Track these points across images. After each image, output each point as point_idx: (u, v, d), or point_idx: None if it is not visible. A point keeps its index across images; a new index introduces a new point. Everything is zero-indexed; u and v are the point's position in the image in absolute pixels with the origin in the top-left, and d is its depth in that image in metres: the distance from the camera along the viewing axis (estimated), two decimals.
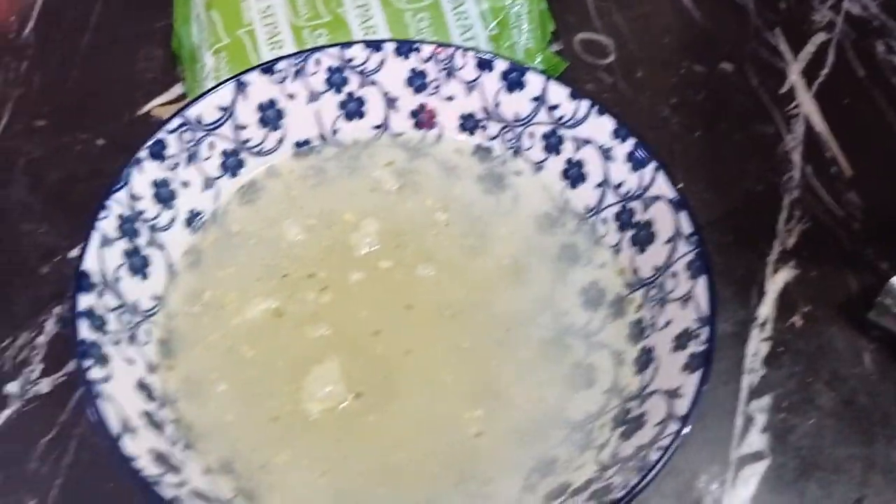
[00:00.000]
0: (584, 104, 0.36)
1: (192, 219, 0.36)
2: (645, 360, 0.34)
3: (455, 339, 0.34)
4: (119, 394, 0.29)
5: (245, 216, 0.37)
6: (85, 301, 0.30)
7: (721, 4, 0.54)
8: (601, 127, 0.36)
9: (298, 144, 0.38)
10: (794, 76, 0.51)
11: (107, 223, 0.32)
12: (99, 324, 0.30)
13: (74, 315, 0.30)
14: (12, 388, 0.39)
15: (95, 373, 0.29)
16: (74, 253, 0.43)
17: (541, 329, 0.35)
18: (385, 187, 0.38)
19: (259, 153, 0.38)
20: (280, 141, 0.38)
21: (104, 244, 0.32)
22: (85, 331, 0.29)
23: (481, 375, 0.34)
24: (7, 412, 0.38)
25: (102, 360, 0.30)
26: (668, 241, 0.34)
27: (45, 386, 0.39)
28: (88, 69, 0.49)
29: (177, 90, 0.48)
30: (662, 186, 0.35)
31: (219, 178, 0.37)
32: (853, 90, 0.51)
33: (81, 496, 0.36)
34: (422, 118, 0.39)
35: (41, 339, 0.40)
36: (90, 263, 0.31)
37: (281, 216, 0.37)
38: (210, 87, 0.43)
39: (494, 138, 0.39)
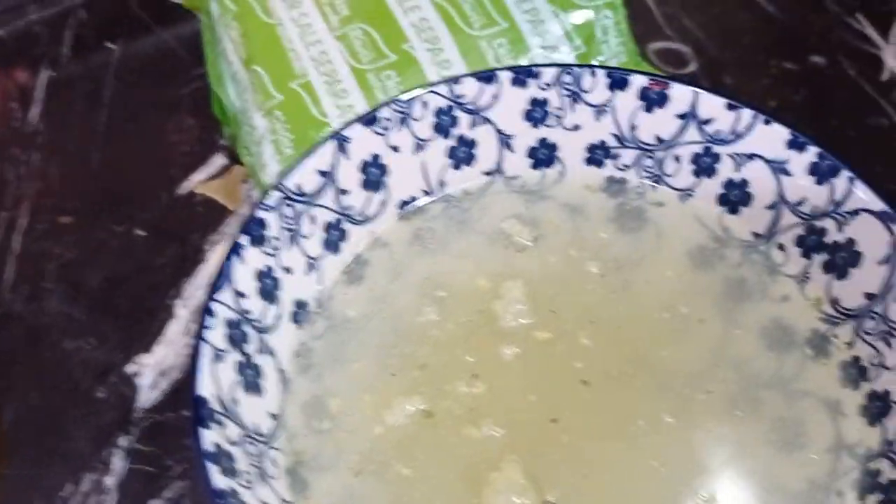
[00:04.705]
0: (746, 114, 0.30)
1: (298, 311, 0.29)
2: (880, 407, 0.28)
3: (648, 412, 0.28)
4: None
5: (356, 298, 0.31)
6: (210, 437, 0.23)
7: None
8: (771, 138, 0.30)
9: (403, 205, 0.32)
10: (892, 61, 0.46)
11: (214, 334, 0.25)
12: (229, 465, 0.23)
13: (201, 457, 0.23)
14: None
15: None
16: (132, 368, 0.35)
17: (723, 384, 0.29)
18: (518, 241, 0.32)
19: (362, 221, 0.31)
20: (383, 203, 0.32)
21: (216, 359, 0.25)
22: (218, 479, 0.23)
23: (691, 452, 0.28)
24: None
25: None
26: (884, 260, 0.28)
27: None
28: (112, 150, 0.42)
29: (218, 161, 0.42)
30: (864, 197, 0.29)
31: (320, 257, 0.30)
32: None
33: None
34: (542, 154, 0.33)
35: (110, 481, 0.33)
36: (206, 387, 0.24)
37: (401, 292, 0.31)
38: (268, 151, 0.38)
39: (629, 168, 0.33)
